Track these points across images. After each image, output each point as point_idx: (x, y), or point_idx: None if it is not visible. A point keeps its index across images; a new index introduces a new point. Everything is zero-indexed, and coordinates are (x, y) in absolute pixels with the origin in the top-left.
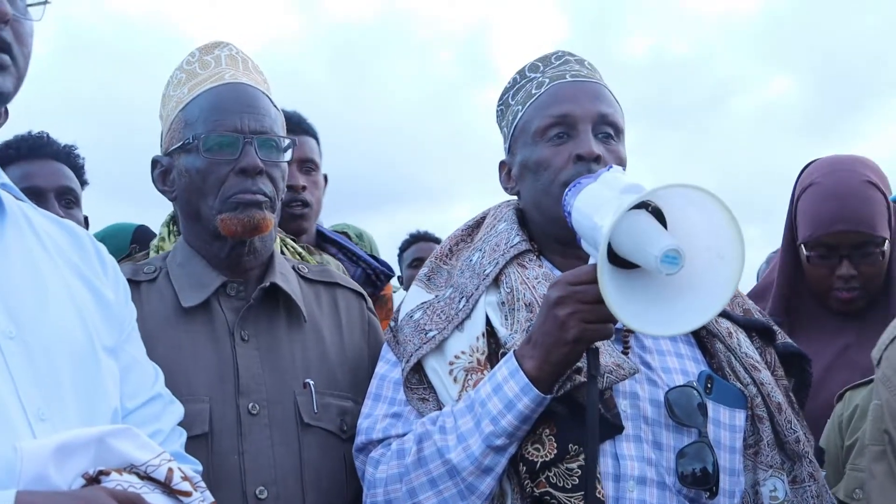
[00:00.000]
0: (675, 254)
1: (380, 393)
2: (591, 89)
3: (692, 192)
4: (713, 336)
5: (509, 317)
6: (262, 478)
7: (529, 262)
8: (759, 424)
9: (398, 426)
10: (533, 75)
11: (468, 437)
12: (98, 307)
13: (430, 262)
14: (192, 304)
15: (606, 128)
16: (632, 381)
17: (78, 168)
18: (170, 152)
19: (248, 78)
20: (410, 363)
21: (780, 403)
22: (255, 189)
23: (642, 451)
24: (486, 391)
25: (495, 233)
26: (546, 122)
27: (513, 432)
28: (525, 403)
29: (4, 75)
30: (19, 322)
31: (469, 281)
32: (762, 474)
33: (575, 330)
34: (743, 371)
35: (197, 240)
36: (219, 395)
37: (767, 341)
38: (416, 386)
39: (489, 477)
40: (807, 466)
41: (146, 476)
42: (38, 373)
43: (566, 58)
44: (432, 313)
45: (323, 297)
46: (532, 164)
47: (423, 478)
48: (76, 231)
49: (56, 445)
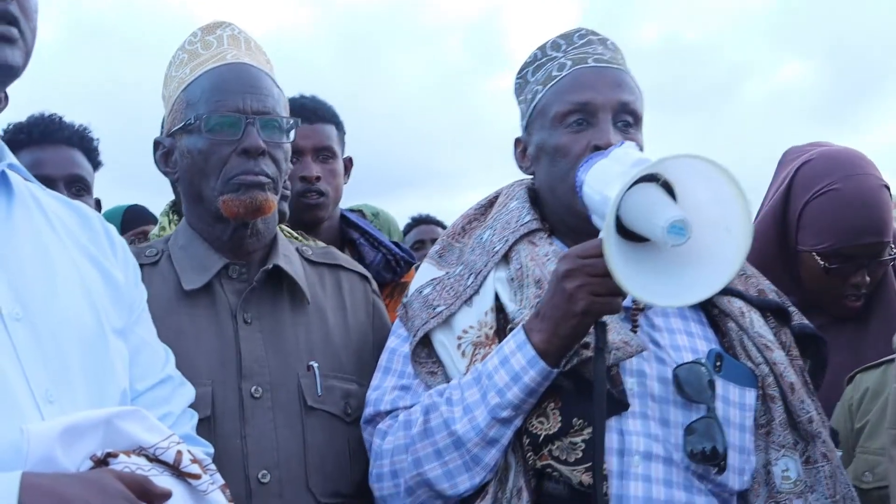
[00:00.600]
0: (682, 224)
1: (389, 366)
2: (613, 76)
3: (700, 163)
4: (725, 315)
5: (518, 293)
6: (265, 462)
7: (540, 240)
8: (771, 404)
9: (406, 398)
10: (554, 54)
11: (474, 408)
12: (107, 288)
13: (443, 239)
14: (195, 287)
15: (626, 116)
16: (639, 358)
17: (91, 151)
18: (172, 133)
19: (250, 58)
20: (417, 337)
21: (793, 383)
22: (258, 170)
23: (648, 428)
24: (494, 364)
25: (506, 211)
26: (566, 108)
27: (518, 405)
28: (531, 376)
29: (13, 49)
30: (27, 303)
31: (479, 258)
32: (774, 454)
33: (583, 303)
34: (755, 350)
35: (199, 222)
36: (221, 378)
37: (783, 322)
38: (425, 360)
39: (494, 449)
40: (820, 447)
41: (154, 458)
42: (45, 354)
43: (589, 37)
44: (441, 289)
45: (327, 279)
46: (549, 148)
47: (428, 448)
48: (85, 212)
49: (63, 427)
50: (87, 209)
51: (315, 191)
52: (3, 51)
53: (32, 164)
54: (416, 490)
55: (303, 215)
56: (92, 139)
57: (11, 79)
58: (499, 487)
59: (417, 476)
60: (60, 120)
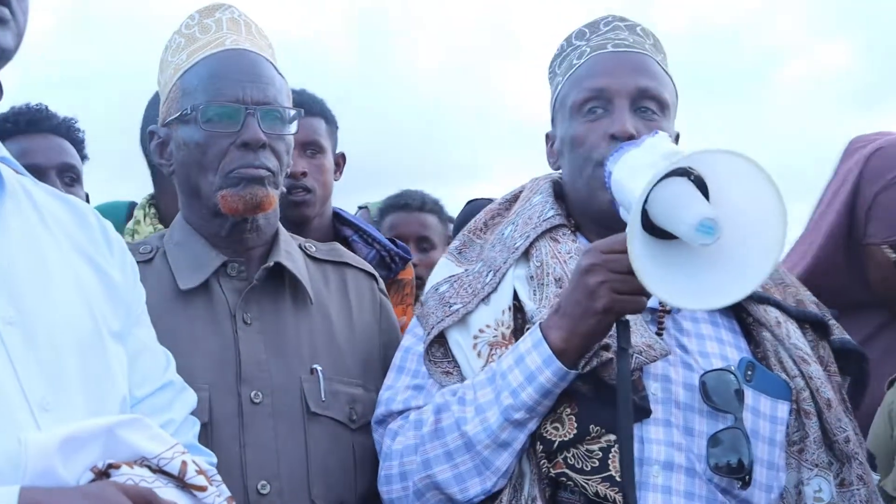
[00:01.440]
0: (711, 223)
1: (403, 365)
2: (633, 60)
3: (734, 159)
4: (760, 325)
5: (538, 291)
6: (265, 472)
7: (563, 237)
8: (806, 420)
9: (419, 398)
10: (578, 43)
11: (486, 409)
12: (104, 289)
13: (463, 234)
14: (191, 286)
15: (647, 102)
16: (665, 363)
17: (78, 143)
18: (167, 123)
19: (251, 43)
20: (431, 335)
21: (830, 400)
22: (258, 163)
23: (671, 436)
24: (508, 363)
25: (529, 205)
26: (582, 95)
27: (533, 406)
28: (547, 376)
29: (4, 30)
30: (20, 306)
31: (499, 254)
32: (807, 473)
33: (605, 299)
34: (791, 363)
35: (196, 217)
36: (219, 382)
37: (822, 335)
38: (441, 359)
39: (506, 452)
40: (856, 468)
41: (158, 469)
42: (40, 360)
43: (615, 24)
44: (459, 287)
45: (331, 277)
46: (568, 139)
47: (438, 450)
48: (80, 207)
49: (63, 438)
50: (82, 204)
51: (301, 187)
52: None
53: (21, 153)
54: (426, 493)
55: (288, 213)
56: (78, 130)
57: (3, 62)
58: (513, 496)
59: (427, 478)
60: (47, 109)
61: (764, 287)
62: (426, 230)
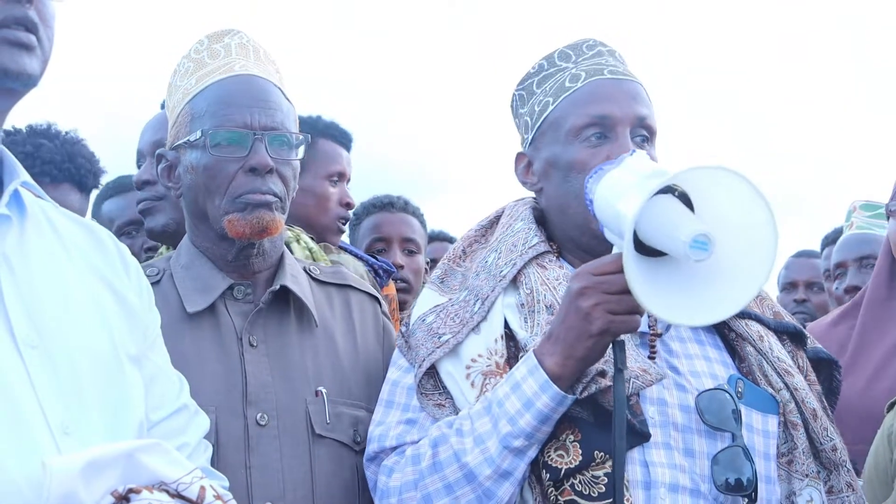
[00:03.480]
0: (705, 239)
1: (392, 399)
2: (630, 89)
3: (721, 173)
4: (743, 339)
5: (529, 319)
6: (271, 493)
7: (549, 263)
8: (793, 431)
9: (413, 432)
10: (564, 64)
11: (486, 439)
12: (122, 313)
13: (443, 263)
14: (198, 309)
15: (643, 131)
16: (659, 386)
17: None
18: (175, 146)
19: (259, 69)
20: (423, 368)
21: (815, 410)
22: (265, 189)
23: (673, 459)
24: (504, 391)
25: (511, 232)
26: (583, 120)
27: (531, 433)
28: (544, 402)
29: (31, 57)
30: (41, 329)
31: (485, 283)
32: (798, 484)
33: (600, 321)
34: (775, 376)
35: (203, 240)
36: (225, 404)
37: (798, 345)
38: (432, 392)
39: (507, 482)
40: (844, 475)
41: (177, 494)
42: (61, 384)
43: (598, 48)
44: (445, 317)
45: (335, 299)
46: (563, 163)
47: (438, 483)
48: (97, 231)
49: (85, 462)
50: (100, 228)
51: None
52: (21, 58)
53: None
54: None
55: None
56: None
57: (28, 88)
58: None
59: None
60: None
61: None
62: (412, 231)
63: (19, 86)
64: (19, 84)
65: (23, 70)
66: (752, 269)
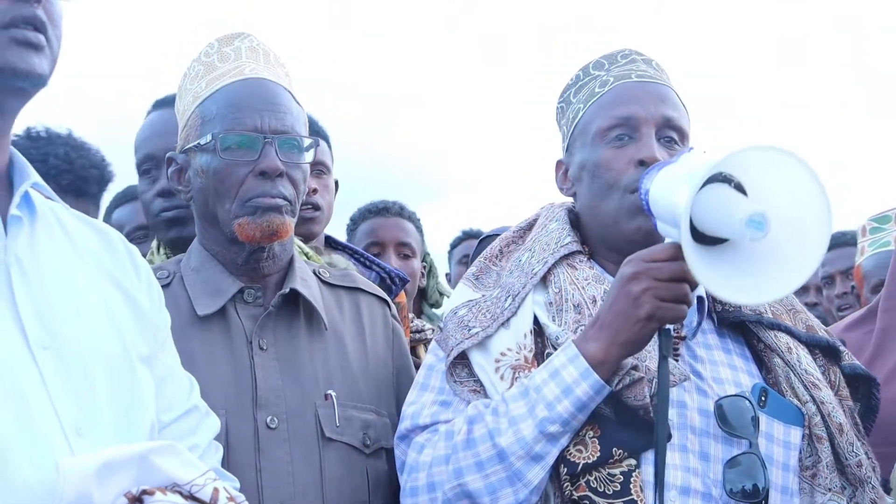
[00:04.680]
0: (761, 218)
1: (427, 382)
2: (657, 91)
3: (774, 155)
4: (771, 351)
5: (556, 317)
6: (281, 496)
7: (580, 264)
8: (818, 445)
9: (447, 412)
10: (597, 73)
11: (520, 421)
12: (132, 314)
13: (479, 262)
14: (209, 312)
15: (671, 132)
16: (680, 389)
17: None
18: (186, 150)
19: (269, 72)
20: (451, 356)
21: (842, 424)
22: (275, 192)
23: (687, 461)
24: (542, 377)
25: (546, 232)
26: (608, 122)
27: (568, 419)
28: (583, 389)
29: (41, 56)
30: (53, 331)
31: (517, 280)
32: (820, 498)
33: (648, 306)
34: (802, 388)
35: (213, 243)
36: (235, 407)
37: (832, 360)
38: (466, 379)
39: (538, 465)
40: (869, 493)
41: (190, 496)
42: (74, 385)
43: (633, 56)
44: (477, 311)
45: (345, 302)
46: (591, 165)
47: (470, 459)
48: (108, 233)
49: (100, 464)
50: (110, 230)
51: (311, 204)
52: (31, 58)
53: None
54: (455, 503)
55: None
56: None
57: (38, 88)
58: None
59: (458, 487)
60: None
61: (774, 313)
62: (406, 236)
63: (29, 85)
64: (29, 84)
65: (32, 70)
66: (803, 254)
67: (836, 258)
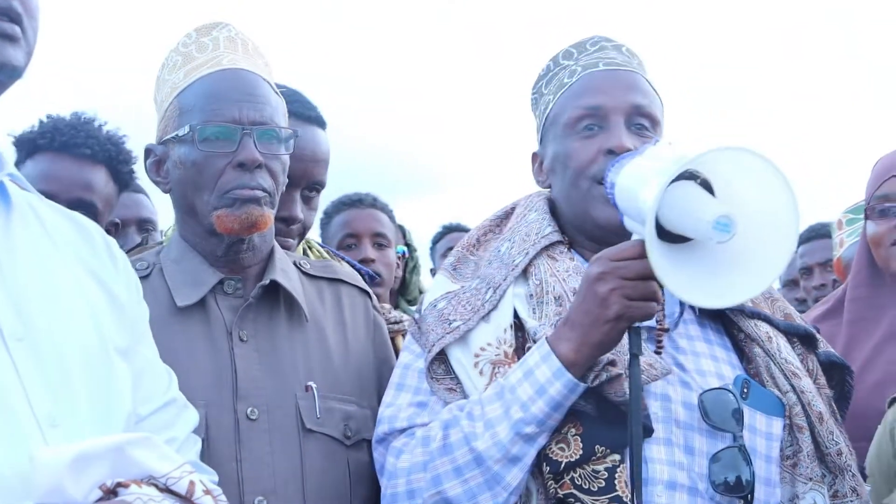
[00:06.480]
0: (728, 220)
1: (403, 382)
2: (626, 78)
3: (742, 155)
4: (751, 340)
5: (537, 310)
6: (261, 487)
7: (560, 255)
8: (799, 434)
9: (423, 415)
10: (566, 63)
11: (496, 423)
12: (110, 306)
13: (457, 251)
14: (188, 303)
15: (641, 119)
16: (664, 382)
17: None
18: (164, 141)
19: (247, 63)
20: (432, 353)
21: (822, 413)
22: (254, 184)
23: (673, 456)
24: (517, 377)
25: (525, 223)
26: (576, 113)
27: (543, 420)
28: (557, 388)
29: (16, 48)
30: (28, 322)
31: (497, 271)
32: (801, 487)
33: (617, 306)
34: (782, 378)
35: (192, 235)
36: (215, 399)
37: (809, 348)
38: (443, 376)
39: (516, 467)
40: (849, 480)
41: (166, 489)
42: (48, 376)
43: (602, 44)
44: (457, 303)
45: (326, 294)
46: (562, 156)
47: (448, 465)
48: (85, 224)
49: (74, 455)
50: (87, 221)
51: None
52: (6, 50)
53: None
54: None
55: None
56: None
57: (13, 80)
58: None
59: (437, 495)
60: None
61: (753, 302)
62: (381, 226)
63: (3, 77)
64: (4, 75)
65: (7, 61)
66: (772, 253)
67: (814, 249)
